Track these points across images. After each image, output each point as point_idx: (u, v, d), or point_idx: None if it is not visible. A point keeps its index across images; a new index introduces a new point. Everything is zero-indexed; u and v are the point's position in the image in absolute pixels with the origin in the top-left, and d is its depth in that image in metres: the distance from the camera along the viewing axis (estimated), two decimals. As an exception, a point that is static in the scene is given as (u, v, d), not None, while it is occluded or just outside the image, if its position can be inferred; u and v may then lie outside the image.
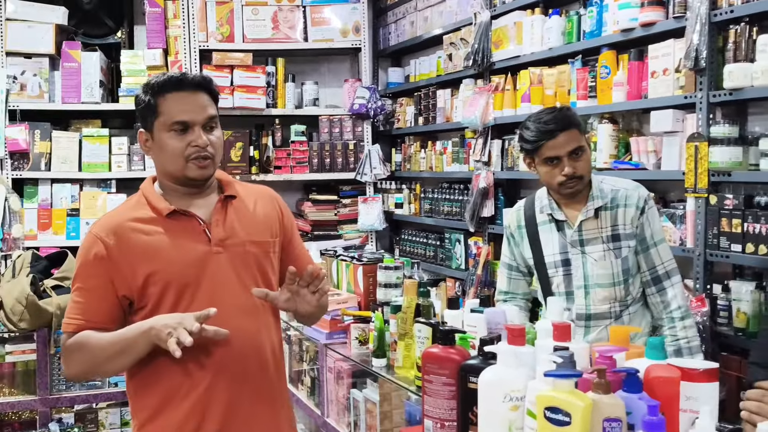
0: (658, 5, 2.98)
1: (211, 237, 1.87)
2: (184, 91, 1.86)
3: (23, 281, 2.99)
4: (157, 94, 1.86)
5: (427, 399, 1.68)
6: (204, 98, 1.88)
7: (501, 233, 4.09)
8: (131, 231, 1.84)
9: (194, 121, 1.84)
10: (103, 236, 1.83)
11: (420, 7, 4.97)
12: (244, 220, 1.94)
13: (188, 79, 1.88)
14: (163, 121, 1.84)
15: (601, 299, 2.43)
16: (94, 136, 4.78)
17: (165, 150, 1.85)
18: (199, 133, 1.84)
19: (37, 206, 4.71)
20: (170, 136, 1.84)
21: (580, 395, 1.33)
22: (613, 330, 1.70)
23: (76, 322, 1.82)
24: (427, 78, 4.90)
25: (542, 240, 2.51)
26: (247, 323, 1.88)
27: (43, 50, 4.69)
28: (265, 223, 1.98)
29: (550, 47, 3.59)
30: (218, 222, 1.89)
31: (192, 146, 1.84)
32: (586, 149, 2.40)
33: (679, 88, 2.92)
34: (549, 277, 2.50)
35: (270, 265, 1.98)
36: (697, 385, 1.43)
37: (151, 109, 1.86)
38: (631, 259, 2.43)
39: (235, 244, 1.89)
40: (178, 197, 1.90)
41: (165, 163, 1.87)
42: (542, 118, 2.39)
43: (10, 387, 3.18)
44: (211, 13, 4.91)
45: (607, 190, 2.44)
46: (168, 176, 1.90)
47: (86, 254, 1.84)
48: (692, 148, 2.77)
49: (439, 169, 4.68)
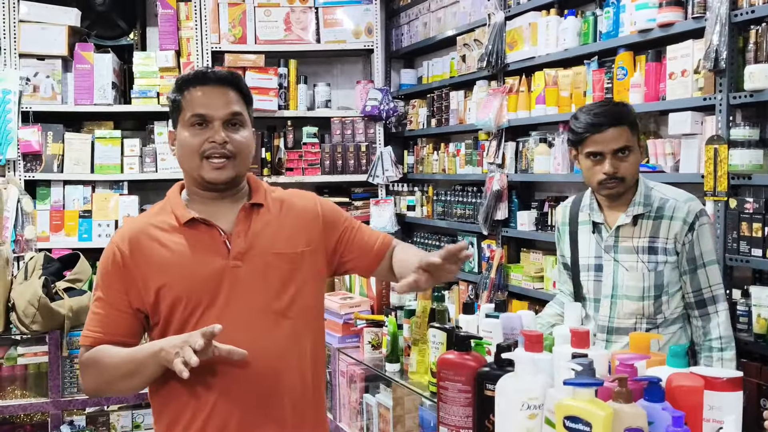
0: (676, 5, 2.93)
1: (231, 249, 1.72)
2: (207, 86, 1.74)
3: (35, 283, 2.98)
4: (182, 90, 1.76)
5: (442, 406, 1.66)
6: (230, 94, 1.75)
7: (514, 236, 4.08)
8: (148, 239, 1.72)
9: (213, 115, 1.71)
10: (119, 244, 1.73)
11: (433, 8, 4.94)
12: (269, 230, 1.77)
13: (213, 74, 1.76)
14: (184, 116, 1.73)
15: (627, 313, 2.29)
16: (106, 137, 4.78)
17: (183, 146, 1.73)
18: (219, 129, 1.70)
19: (49, 208, 4.71)
20: (189, 132, 1.72)
21: (600, 404, 1.30)
22: (634, 337, 1.67)
23: (94, 335, 1.72)
24: (440, 79, 4.87)
25: (580, 241, 2.42)
26: (267, 344, 1.71)
27: (56, 52, 4.69)
28: (296, 231, 1.80)
29: (566, 48, 3.56)
30: (240, 233, 1.73)
31: (209, 142, 1.70)
32: (634, 150, 2.26)
33: (698, 89, 2.88)
34: (581, 282, 2.41)
35: (311, 274, 1.80)
36: (721, 395, 1.40)
37: (176, 105, 1.76)
38: (667, 275, 2.26)
39: (256, 256, 1.73)
40: (202, 203, 1.77)
41: (183, 161, 1.75)
42: (593, 109, 2.28)
43: (22, 389, 3.17)
44: (223, 14, 4.90)
45: (654, 198, 2.29)
46: (189, 178, 1.78)
47: (104, 263, 1.75)
48: (712, 150, 2.73)
49: (452, 172, 4.65)
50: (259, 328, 1.71)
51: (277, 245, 1.76)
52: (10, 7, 4.62)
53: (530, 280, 3.87)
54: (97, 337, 1.72)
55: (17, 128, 4.60)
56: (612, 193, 2.27)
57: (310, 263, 1.81)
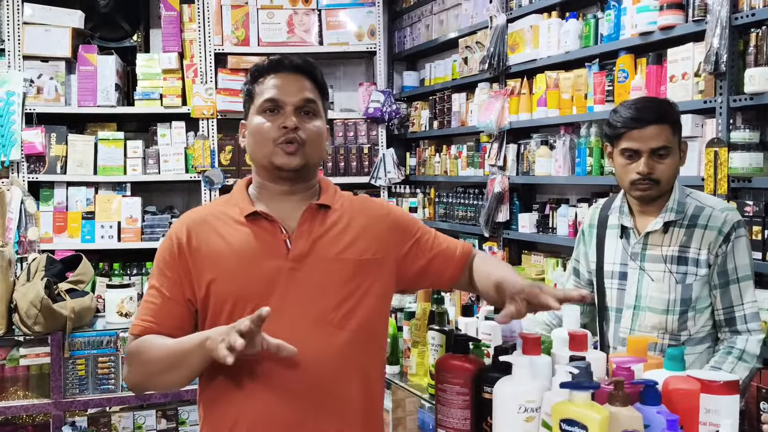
0: (677, 8, 2.94)
1: (291, 249, 1.62)
2: (281, 73, 1.69)
3: (38, 284, 2.99)
4: (256, 79, 1.71)
5: (440, 408, 1.66)
6: (303, 82, 1.69)
7: (516, 239, 4.08)
8: (206, 229, 1.65)
9: (285, 101, 1.65)
10: (177, 232, 1.66)
11: (435, 11, 4.94)
12: (334, 234, 1.66)
13: (287, 61, 1.71)
14: (256, 103, 1.67)
15: (649, 326, 2.14)
16: (109, 139, 4.79)
17: (254, 134, 1.67)
18: (291, 114, 1.64)
19: (52, 209, 4.73)
20: (260, 119, 1.66)
21: (596, 407, 1.30)
22: (631, 341, 1.67)
23: (143, 324, 1.63)
24: (443, 82, 4.88)
25: (607, 245, 2.27)
26: (319, 358, 1.58)
27: (60, 54, 4.71)
28: (363, 237, 1.68)
29: (567, 51, 3.56)
30: (303, 233, 1.63)
31: (281, 127, 1.63)
32: (674, 153, 2.10)
33: (698, 92, 2.88)
34: (604, 289, 2.26)
35: (375, 285, 1.67)
36: (718, 398, 1.40)
37: (249, 95, 1.71)
38: (697, 289, 2.10)
39: (316, 260, 1.62)
40: (269, 198, 1.69)
41: (254, 150, 1.67)
42: (636, 104, 2.13)
43: (24, 390, 3.18)
44: (226, 16, 4.92)
45: (688, 205, 2.14)
46: (259, 167, 1.70)
47: (161, 251, 1.68)
48: (712, 153, 2.73)
49: (453, 174, 4.66)
50: (312, 339, 1.58)
51: (341, 250, 1.65)
52: (14, 9, 4.64)
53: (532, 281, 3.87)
54: (146, 326, 1.63)
55: (21, 130, 4.62)
56: (644, 195, 2.12)
57: (376, 274, 1.68)
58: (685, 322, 2.11)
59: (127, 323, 3.15)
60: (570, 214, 3.59)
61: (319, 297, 1.60)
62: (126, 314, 3.19)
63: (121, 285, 3.27)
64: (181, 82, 4.83)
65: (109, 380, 3.18)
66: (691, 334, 2.13)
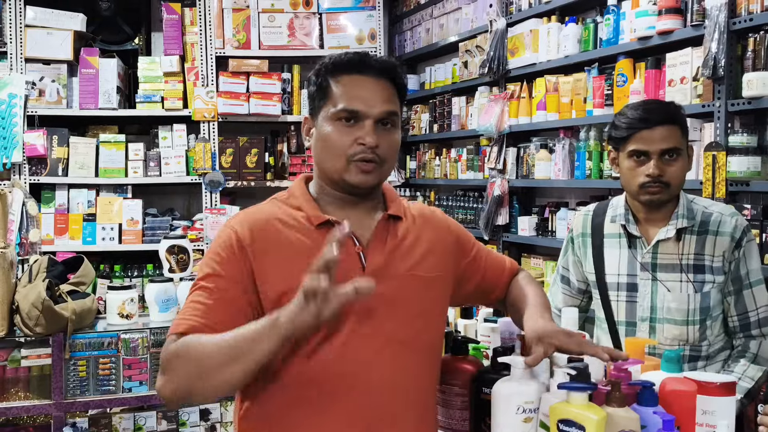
0: (675, 13, 2.96)
1: (366, 264, 1.50)
2: (364, 75, 1.51)
3: (39, 286, 3.00)
4: (330, 75, 1.52)
5: (439, 409, 1.67)
6: (387, 88, 1.52)
7: (515, 242, 4.09)
8: (274, 232, 1.49)
9: (368, 113, 1.48)
10: (238, 229, 1.49)
11: (436, 15, 4.96)
12: (405, 248, 1.55)
13: (372, 61, 1.52)
14: (330, 107, 1.50)
15: (670, 339, 2.06)
16: (110, 141, 4.81)
17: (325, 143, 1.50)
18: (370, 129, 1.48)
19: (54, 211, 4.75)
20: (335, 127, 1.49)
21: (594, 408, 1.32)
22: (629, 342, 1.69)
23: (189, 322, 1.42)
24: (443, 85, 4.90)
25: (606, 255, 2.16)
26: (387, 379, 1.49)
27: (62, 56, 4.73)
28: (431, 252, 1.59)
29: (567, 55, 3.58)
30: (377, 247, 1.52)
31: (358, 143, 1.47)
32: (683, 155, 2.03)
33: (696, 96, 2.90)
34: (610, 302, 2.16)
35: (439, 304, 1.60)
36: (714, 399, 1.42)
37: (321, 91, 1.53)
38: (714, 296, 2.04)
39: (392, 276, 1.50)
40: (335, 205, 1.55)
41: (323, 160, 1.52)
42: (644, 105, 2.07)
43: (25, 391, 3.19)
44: (227, 20, 4.93)
45: (696, 211, 2.08)
46: (324, 176, 1.54)
47: (216, 248, 1.49)
48: (710, 157, 2.75)
49: (453, 177, 4.67)
50: (382, 360, 1.48)
51: (416, 267, 1.55)
52: (16, 12, 4.67)
53: (531, 285, 3.88)
54: (194, 324, 1.42)
55: (23, 132, 4.64)
56: (653, 199, 2.03)
57: (440, 291, 1.60)
58: (705, 332, 2.06)
59: (127, 325, 3.16)
60: (569, 217, 3.61)
61: (391, 316, 1.50)
62: (127, 316, 3.19)
63: (122, 287, 3.27)
64: (182, 85, 4.85)
65: (109, 381, 3.19)
66: (710, 342, 2.08)
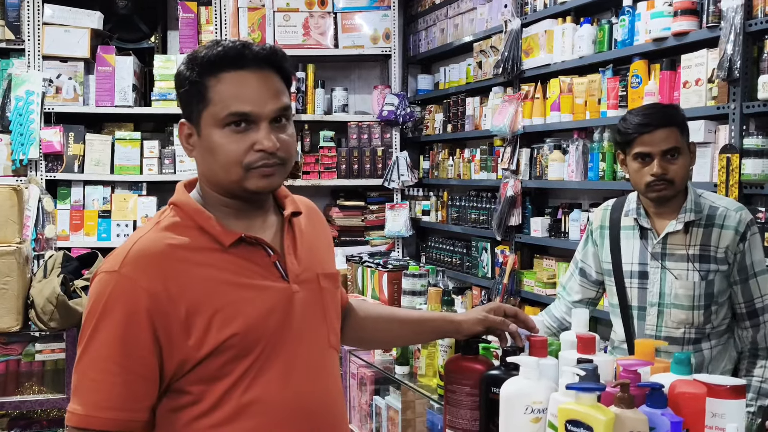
0: (691, 15, 2.94)
1: (288, 271, 1.39)
2: (246, 70, 1.32)
3: (54, 281, 3.03)
4: (206, 73, 1.33)
5: (449, 409, 1.68)
6: (274, 80, 1.35)
7: (528, 243, 4.08)
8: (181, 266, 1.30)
9: (260, 113, 1.31)
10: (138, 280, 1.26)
11: (450, 15, 4.96)
12: (310, 246, 1.47)
13: (253, 53, 1.32)
14: (214, 111, 1.31)
15: (676, 322, 2.23)
16: (126, 139, 4.85)
17: (216, 153, 1.32)
18: (267, 132, 1.31)
19: (69, 207, 4.79)
20: (224, 134, 1.31)
21: (602, 409, 1.31)
22: (639, 343, 1.68)
23: (111, 415, 1.25)
24: (457, 85, 4.89)
25: (623, 246, 2.33)
26: (328, 387, 1.44)
27: (79, 54, 4.77)
28: (327, 246, 1.55)
29: (581, 56, 3.57)
30: (290, 251, 1.41)
31: (256, 150, 1.31)
32: (684, 153, 2.19)
33: (711, 98, 2.89)
34: (624, 288, 2.33)
35: (337, 306, 1.54)
36: (724, 402, 1.41)
37: (198, 92, 1.33)
38: (718, 283, 2.20)
39: (309, 279, 1.43)
40: (230, 216, 1.39)
41: (215, 170, 1.34)
42: (643, 111, 2.23)
43: (39, 385, 3.22)
44: (243, 19, 4.96)
45: (703, 206, 2.23)
46: (216, 186, 1.37)
47: (114, 313, 1.26)
48: (724, 159, 2.73)
49: (467, 177, 4.67)
50: (322, 367, 1.43)
51: (324, 264, 1.49)
52: (34, 9, 4.71)
53: (543, 286, 3.88)
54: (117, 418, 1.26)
55: (39, 129, 4.68)
56: (660, 196, 2.19)
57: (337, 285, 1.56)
58: (710, 316, 2.21)
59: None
60: (582, 218, 3.60)
61: (319, 319, 1.45)
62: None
63: (136, 283, 3.30)
64: (197, 83, 4.87)
65: (122, 377, 3.22)
66: (714, 326, 2.22)
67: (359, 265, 3.14)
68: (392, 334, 1.76)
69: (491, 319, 1.65)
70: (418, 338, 1.91)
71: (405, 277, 2.67)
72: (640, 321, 2.30)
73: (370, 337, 1.76)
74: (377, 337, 1.77)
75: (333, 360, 1.49)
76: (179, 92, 1.38)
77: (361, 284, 3.11)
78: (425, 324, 1.73)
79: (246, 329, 1.31)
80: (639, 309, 2.30)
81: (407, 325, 1.73)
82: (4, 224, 2.96)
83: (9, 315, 2.95)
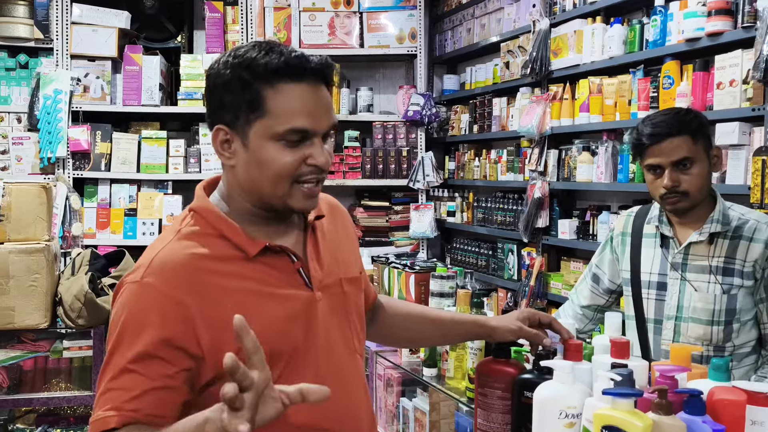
0: (726, 15, 2.89)
1: (312, 278, 1.37)
2: (305, 83, 1.28)
3: (82, 279, 3.05)
4: (262, 80, 1.26)
5: (480, 412, 1.66)
6: (326, 94, 1.32)
7: (555, 245, 4.04)
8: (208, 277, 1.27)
9: (317, 130, 1.29)
10: (166, 290, 1.25)
11: (477, 15, 4.93)
12: (333, 249, 1.45)
13: (311, 66, 1.28)
14: (271, 124, 1.26)
15: (693, 337, 2.09)
16: (152, 138, 4.88)
17: (266, 166, 1.28)
18: (320, 147, 1.29)
19: (96, 205, 4.83)
20: (278, 148, 1.27)
21: (639, 415, 1.29)
22: (674, 349, 1.65)
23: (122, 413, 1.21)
24: (483, 86, 4.86)
25: (643, 255, 2.21)
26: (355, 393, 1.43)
27: (107, 53, 4.81)
28: (353, 246, 1.52)
29: (611, 56, 3.52)
30: (313, 256, 1.39)
31: (308, 164, 1.29)
32: (698, 161, 2.05)
33: (746, 100, 2.83)
34: (641, 299, 2.21)
35: (361, 310, 1.52)
36: (765, 410, 1.37)
37: (251, 100, 1.26)
38: (741, 299, 2.06)
39: (332, 285, 1.40)
40: (254, 224, 1.36)
41: (260, 183, 1.30)
42: (652, 119, 2.11)
43: (66, 382, 3.24)
44: (269, 18, 4.97)
45: (732, 217, 2.10)
46: (255, 197, 1.33)
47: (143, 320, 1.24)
48: (759, 162, 2.68)
49: (493, 178, 4.64)
50: (349, 374, 1.41)
51: (347, 269, 1.47)
52: (63, 9, 4.75)
53: (570, 288, 3.82)
54: (128, 415, 1.21)
55: (67, 127, 4.72)
56: (675, 208, 2.09)
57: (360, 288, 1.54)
58: (730, 334, 2.08)
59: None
60: (610, 221, 3.55)
61: (343, 325, 1.43)
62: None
63: (162, 281, 3.31)
64: (223, 82, 4.89)
65: (148, 375, 3.23)
66: (735, 345, 2.09)
67: (386, 266, 3.12)
68: (421, 334, 1.76)
69: (526, 331, 1.62)
70: (447, 339, 1.92)
71: (433, 278, 2.65)
72: (656, 335, 2.19)
73: (398, 336, 1.76)
74: (405, 335, 1.77)
75: (359, 366, 1.47)
76: (219, 93, 1.31)
77: (388, 285, 3.09)
78: (456, 326, 1.72)
79: (270, 339, 1.24)
80: (655, 322, 2.19)
81: (437, 326, 1.72)
82: (33, 222, 2.99)
83: (37, 312, 2.97)
